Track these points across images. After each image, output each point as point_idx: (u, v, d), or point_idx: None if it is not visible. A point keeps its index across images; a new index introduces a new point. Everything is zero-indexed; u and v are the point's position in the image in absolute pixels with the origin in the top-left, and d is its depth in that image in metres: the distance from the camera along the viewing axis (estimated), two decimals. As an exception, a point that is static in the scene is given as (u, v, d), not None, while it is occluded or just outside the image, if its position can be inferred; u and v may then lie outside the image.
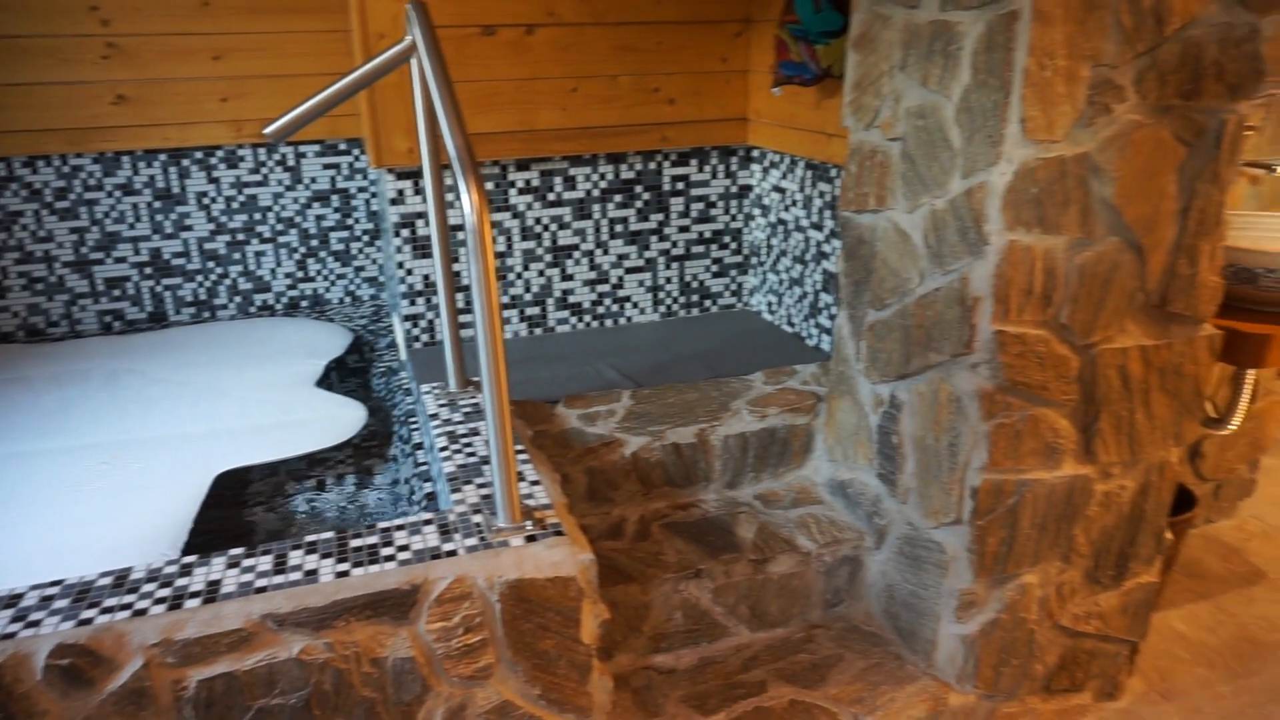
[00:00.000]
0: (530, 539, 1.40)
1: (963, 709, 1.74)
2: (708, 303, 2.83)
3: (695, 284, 2.80)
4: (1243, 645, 2.06)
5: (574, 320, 2.70)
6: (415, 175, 2.38)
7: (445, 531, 1.42)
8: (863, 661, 1.80)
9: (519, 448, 1.70)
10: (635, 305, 2.76)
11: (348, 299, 3.17)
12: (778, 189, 2.57)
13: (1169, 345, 1.60)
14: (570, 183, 2.56)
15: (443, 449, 1.72)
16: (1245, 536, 2.48)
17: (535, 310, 2.65)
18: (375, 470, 2.28)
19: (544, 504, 1.50)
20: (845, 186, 1.82)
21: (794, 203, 2.49)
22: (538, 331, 2.67)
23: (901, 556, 1.81)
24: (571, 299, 2.68)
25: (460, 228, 2.30)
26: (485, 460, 1.66)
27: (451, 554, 1.36)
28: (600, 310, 2.72)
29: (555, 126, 2.46)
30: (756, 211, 2.72)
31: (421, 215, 2.41)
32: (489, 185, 2.47)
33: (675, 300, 2.80)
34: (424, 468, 1.91)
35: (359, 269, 3.15)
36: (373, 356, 2.80)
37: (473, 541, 1.39)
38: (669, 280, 2.77)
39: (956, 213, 1.50)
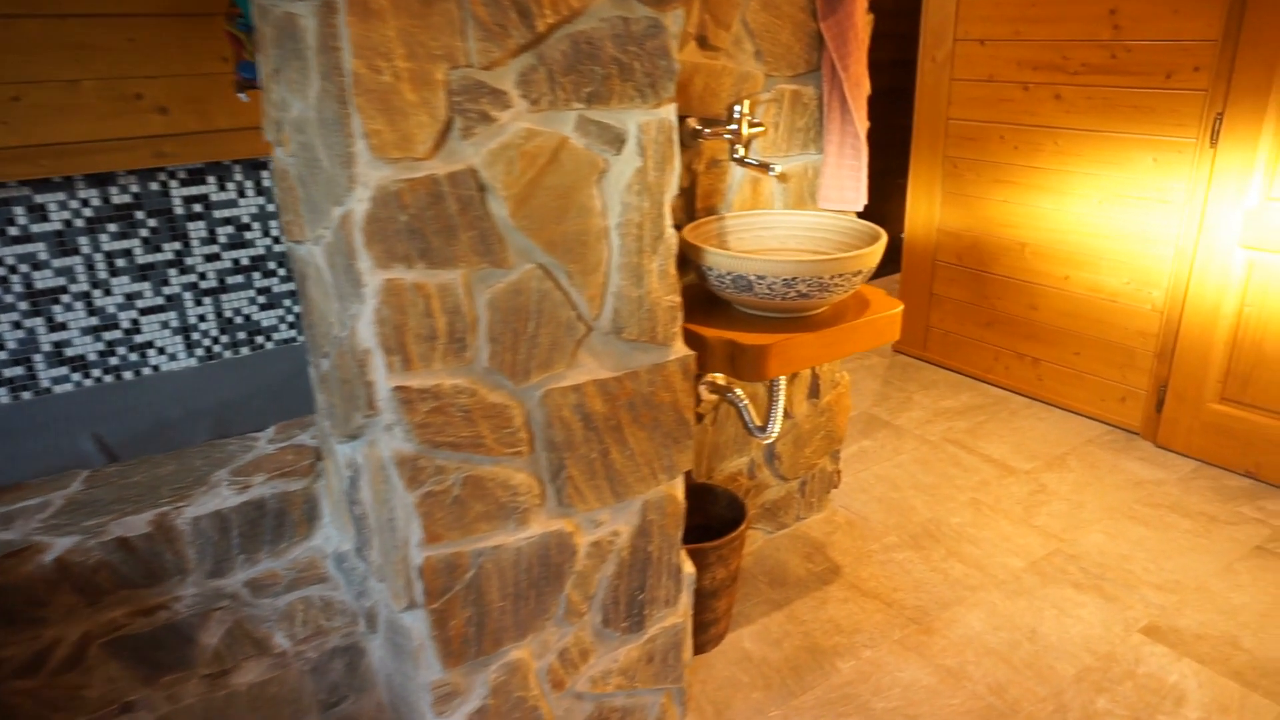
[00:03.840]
0: None
1: (473, 807, 1.51)
2: (259, 339, 2.45)
3: (239, 319, 2.41)
4: (803, 657, 1.99)
5: (78, 377, 2.22)
6: None
7: None
8: (355, 773, 1.52)
9: None
10: (162, 351, 2.32)
11: None
12: (309, 206, 2.23)
13: (633, 375, 1.43)
14: (39, 212, 2.08)
15: None
16: (831, 529, 2.48)
17: (18, 370, 2.14)
18: None
19: None
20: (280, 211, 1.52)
21: (320, 222, 2.17)
22: (25, 395, 2.17)
23: (389, 643, 1.54)
24: (69, 352, 2.19)
25: None
26: None
27: None
28: (114, 362, 2.25)
29: (-3, 144, 1.97)
30: (299, 232, 2.36)
31: None
32: (-90, 222, 1.94)
33: (215, 340, 2.39)
34: None
35: None
36: None
37: None
38: (203, 318, 2.35)
39: (340, 248, 1.24)
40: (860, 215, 2.14)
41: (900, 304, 1.87)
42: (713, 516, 2.12)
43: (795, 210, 2.03)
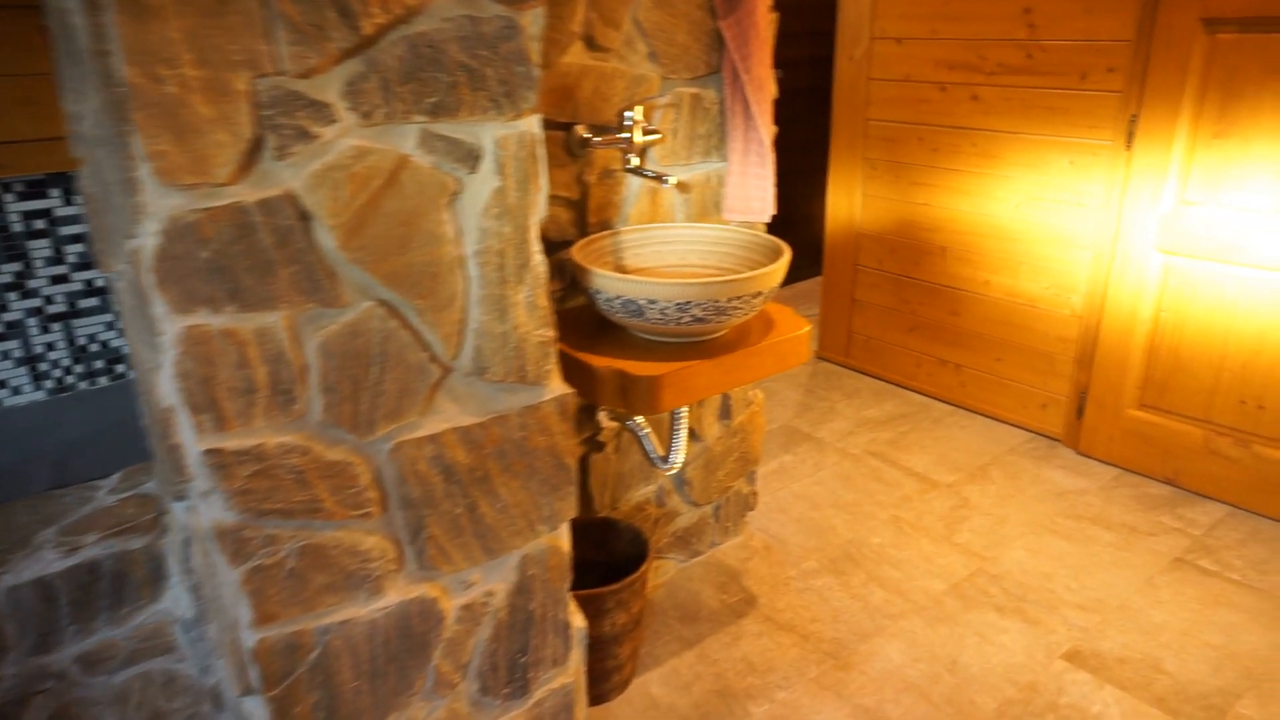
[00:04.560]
0: None
1: None
2: (120, 368, 2.22)
3: (95, 347, 2.17)
4: (713, 702, 1.86)
5: (-99, 417, 1.97)
6: None
7: None
8: None
9: None
10: (3, 385, 2.08)
11: None
12: (165, 222, 2.01)
13: (501, 420, 1.28)
14: None
15: None
16: (748, 555, 2.35)
17: None
18: None
19: None
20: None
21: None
22: None
23: (235, 726, 1.36)
24: (-110, 389, 1.95)
25: None
26: None
27: None
28: (-55, 398, 2.01)
29: None
30: (159, 249, 2.14)
31: None
32: None
33: (68, 371, 2.15)
34: None
35: None
36: None
37: None
38: (51, 347, 2.11)
39: (136, 289, 1.05)
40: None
41: (807, 324, 1.75)
42: (616, 553, 1.97)
43: (697, 223, 1.89)
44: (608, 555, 1.98)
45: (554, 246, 1.79)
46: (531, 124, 1.18)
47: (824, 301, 3.50)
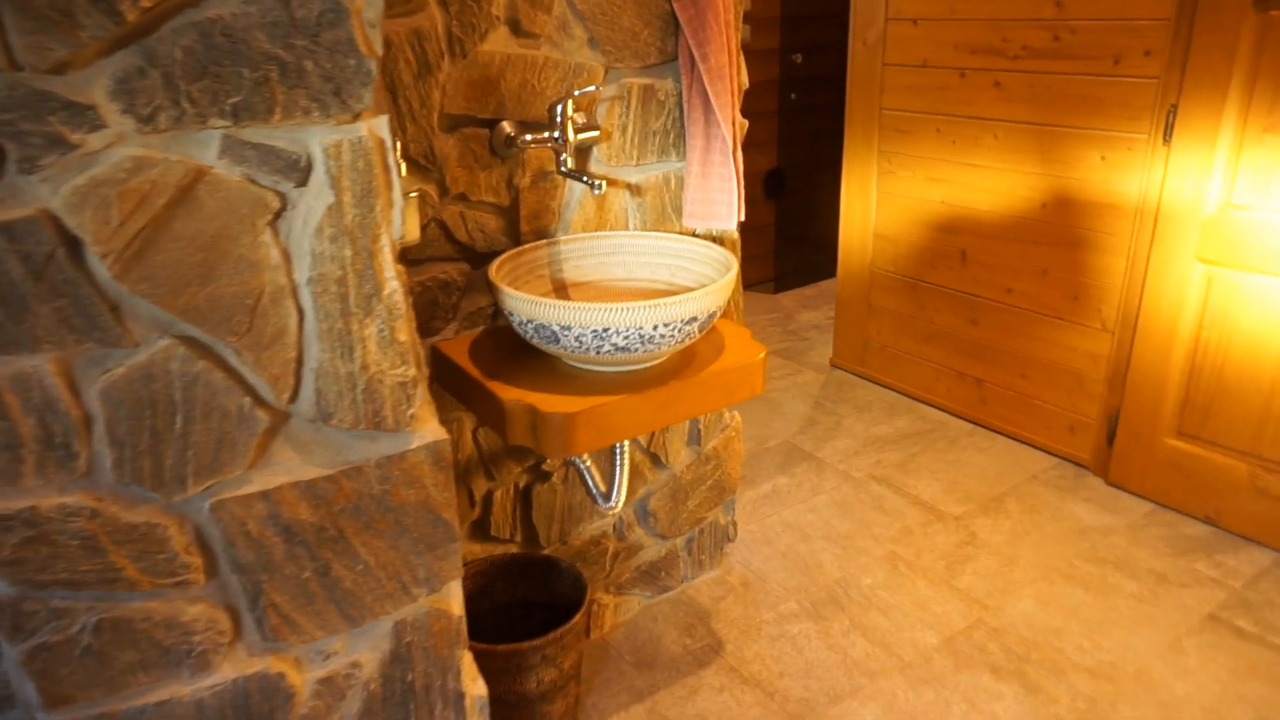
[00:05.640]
0: None
1: None
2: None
3: None
4: (657, 767, 1.67)
5: None
6: None
7: None
8: None
9: None
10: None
11: None
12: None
13: (355, 472, 1.10)
14: None
15: None
16: (722, 593, 2.14)
17: None
18: None
19: None
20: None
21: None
22: None
23: (72, 803, 1.21)
24: None
25: None
26: None
27: None
28: None
29: None
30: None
31: None
32: None
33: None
34: None
35: None
36: None
37: None
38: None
39: (-121, 324, 0.90)
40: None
41: (762, 350, 1.53)
42: (559, 595, 1.79)
43: (648, 232, 1.68)
44: (550, 596, 1.80)
45: (482, 258, 1.60)
46: (374, 127, 0.99)
47: (839, 305, 3.25)
